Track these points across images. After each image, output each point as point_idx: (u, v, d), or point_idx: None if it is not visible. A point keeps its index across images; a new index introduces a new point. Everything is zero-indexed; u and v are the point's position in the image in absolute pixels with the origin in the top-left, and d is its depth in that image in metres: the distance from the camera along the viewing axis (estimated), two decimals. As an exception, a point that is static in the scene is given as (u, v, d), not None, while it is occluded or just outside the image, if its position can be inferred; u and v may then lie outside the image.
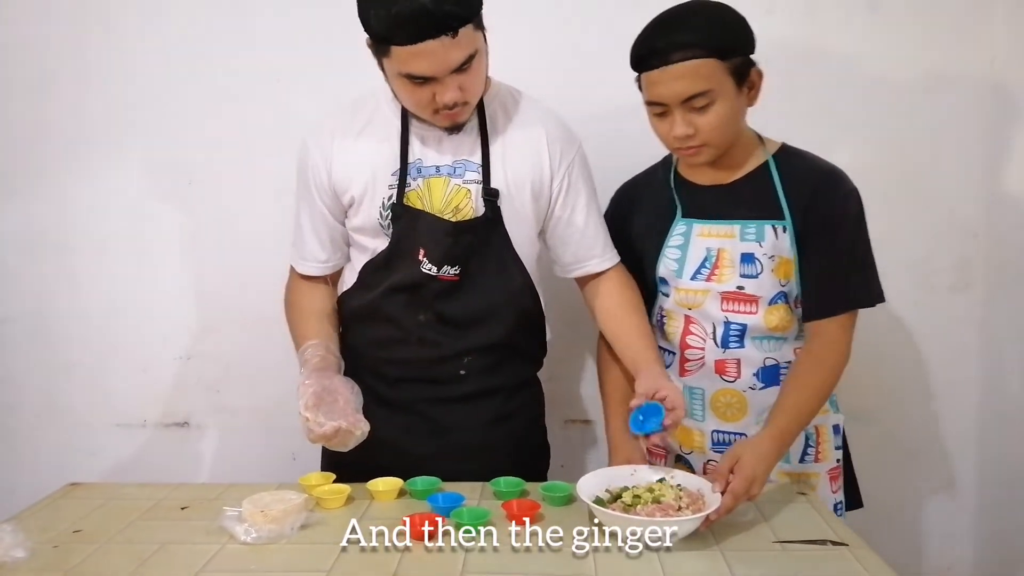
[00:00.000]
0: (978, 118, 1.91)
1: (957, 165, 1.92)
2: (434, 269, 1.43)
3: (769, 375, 1.47)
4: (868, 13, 1.88)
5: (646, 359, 1.42)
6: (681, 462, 1.56)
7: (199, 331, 2.03)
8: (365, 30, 1.30)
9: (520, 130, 1.47)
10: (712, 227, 1.48)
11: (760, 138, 1.51)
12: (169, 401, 2.06)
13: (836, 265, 1.42)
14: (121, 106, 1.96)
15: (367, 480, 1.39)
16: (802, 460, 1.50)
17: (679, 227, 1.51)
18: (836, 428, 1.54)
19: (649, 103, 1.40)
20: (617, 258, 1.56)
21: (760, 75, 1.41)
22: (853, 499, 1.59)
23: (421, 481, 1.38)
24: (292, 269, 1.59)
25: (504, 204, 1.45)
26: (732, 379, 1.48)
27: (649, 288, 1.57)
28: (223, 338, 2.02)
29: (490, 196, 1.43)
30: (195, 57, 1.93)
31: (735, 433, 1.49)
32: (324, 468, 1.53)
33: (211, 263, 2.00)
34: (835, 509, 1.51)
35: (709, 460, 1.52)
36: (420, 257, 1.43)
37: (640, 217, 1.58)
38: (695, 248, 1.48)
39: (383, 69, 1.36)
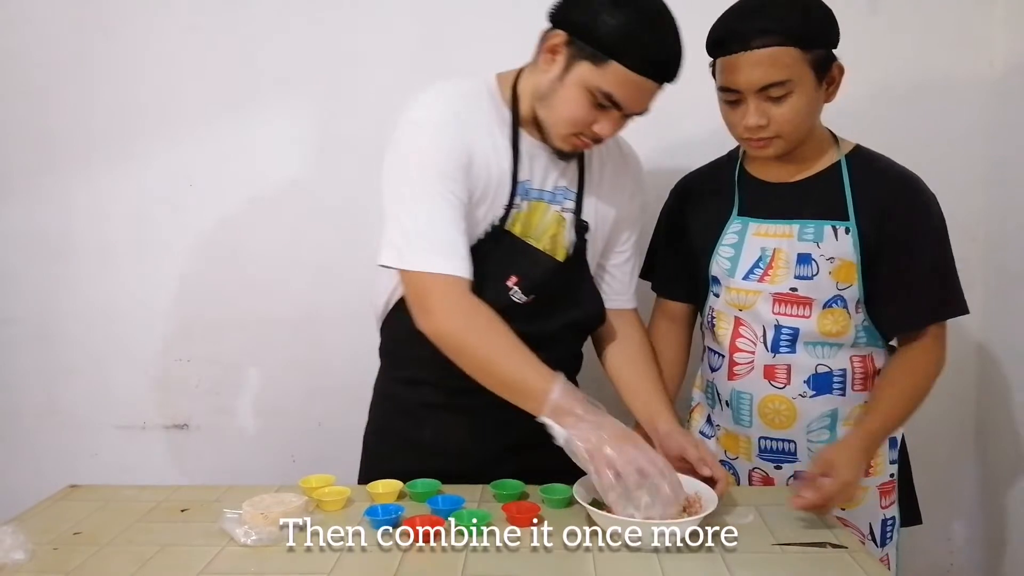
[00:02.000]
0: (977, 120, 1.91)
1: (956, 167, 1.92)
2: (519, 294, 1.37)
3: (821, 383, 1.42)
4: (868, 16, 1.88)
5: (665, 419, 1.39)
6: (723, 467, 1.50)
7: (199, 334, 2.03)
8: (585, 24, 1.21)
9: (611, 165, 1.46)
10: (769, 226, 1.43)
11: (834, 137, 1.46)
12: (169, 403, 2.06)
13: (924, 276, 1.38)
14: (123, 110, 1.96)
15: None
16: None
17: (734, 225, 1.46)
18: (892, 441, 1.48)
19: (722, 89, 1.35)
20: (635, 303, 1.55)
21: (841, 70, 1.36)
22: (911, 515, 1.52)
23: (421, 483, 1.37)
24: (442, 280, 1.25)
25: (588, 235, 1.43)
26: (781, 385, 1.43)
27: (701, 287, 1.53)
28: (223, 341, 2.02)
29: (582, 228, 1.42)
30: (197, 61, 1.94)
31: (784, 440, 1.44)
32: (365, 480, 1.47)
33: (212, 266, 2.01)
34: (884, 525, 1.45)
35: (755, 468, 1.48)
36: (510, 284, 1.36)
37: (698, 212, 1.53)
38: (749, 247, 1.44)
39: (565, 67, 1.25)
